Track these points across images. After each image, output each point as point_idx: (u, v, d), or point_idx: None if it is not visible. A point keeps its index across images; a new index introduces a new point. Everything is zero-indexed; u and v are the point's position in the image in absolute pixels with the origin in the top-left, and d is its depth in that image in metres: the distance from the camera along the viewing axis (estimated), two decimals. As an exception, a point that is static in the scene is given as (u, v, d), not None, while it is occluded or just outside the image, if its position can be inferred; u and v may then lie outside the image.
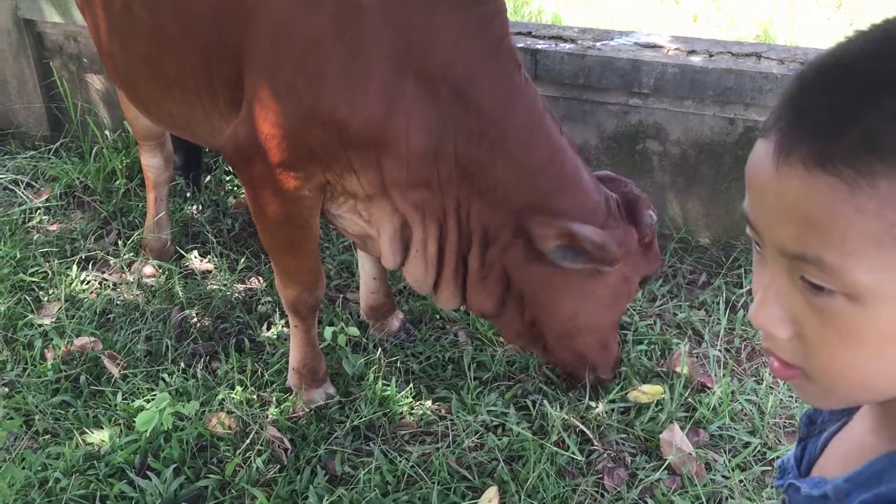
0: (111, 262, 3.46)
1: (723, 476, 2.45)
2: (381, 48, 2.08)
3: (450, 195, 2.28)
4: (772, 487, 2.44)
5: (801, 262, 0.74)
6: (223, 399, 2.67)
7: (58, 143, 4.18)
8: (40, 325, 3.01)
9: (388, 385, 2.76)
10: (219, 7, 2.23)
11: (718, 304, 3.18)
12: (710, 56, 3.30)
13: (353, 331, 2.91)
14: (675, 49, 3.37)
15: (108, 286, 3.32)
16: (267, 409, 2.66)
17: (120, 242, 3.57)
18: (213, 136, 2.57)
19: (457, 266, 2.43)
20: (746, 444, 2.59)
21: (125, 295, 3.26)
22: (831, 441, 0.98)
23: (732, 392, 2.76)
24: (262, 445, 2.50)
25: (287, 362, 2.80)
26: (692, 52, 3.34)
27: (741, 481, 2.43)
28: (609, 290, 2.43)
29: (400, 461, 2.47)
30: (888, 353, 0.75)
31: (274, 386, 2.78)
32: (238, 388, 2.72)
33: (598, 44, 3.42)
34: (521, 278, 2.37)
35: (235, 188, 4.03)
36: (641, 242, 2.38)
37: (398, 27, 2.08)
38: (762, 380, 2.83)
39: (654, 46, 3.40)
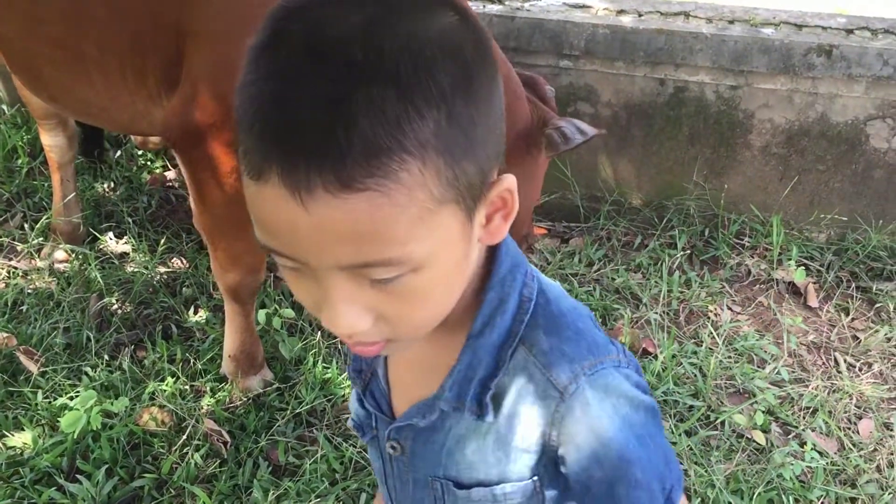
0: (18, 247, 3.23)
1: (671, 442, 2.46)
2: None
3: None
4: (715, 449, 2.46)
5: (366, 269, 0.75)
6: (154, 392, 2.52)
7: (-50, 121, 3.88)
8: (-55, 322, 2.79)
9: (329, 368, 2.66)
10: None
11: (655, 266, 3.18)
12: (640, 16, 3.25)
13: (288, 312, 2.79)
14: (605, 9, 3.31)
15: (18, 275, 3.10)
16: (201, 401, 2.53)
17: (27, 226, 3.34)
18: (133, 121, 2.40)
19: None
20: (691, 408, 2.60)
21: (37, 283, 3.05)
22: (391, 374, 1.04)
23: (674, 355, 2.77)
24: (199, 440, 2.38)
25: (220, 349, 2.67)
26: (622, 12, 3.29)
27: (690, 447, 2.44)
28: (542, 169, 2.65)
29: (346, 447, 2.39)
30: (454, 282, 0.84)
31: (208, 375, 2.64)
32: (169, 379, 2.57)
33: (526, 4, 3.34)
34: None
35: (149, 163, 3.82)
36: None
37: None
38: (702, 342, 2.85)
39: (582, 7, 3.33)
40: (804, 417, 2.61)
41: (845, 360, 2.86)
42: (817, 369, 2.83)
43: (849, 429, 2.60)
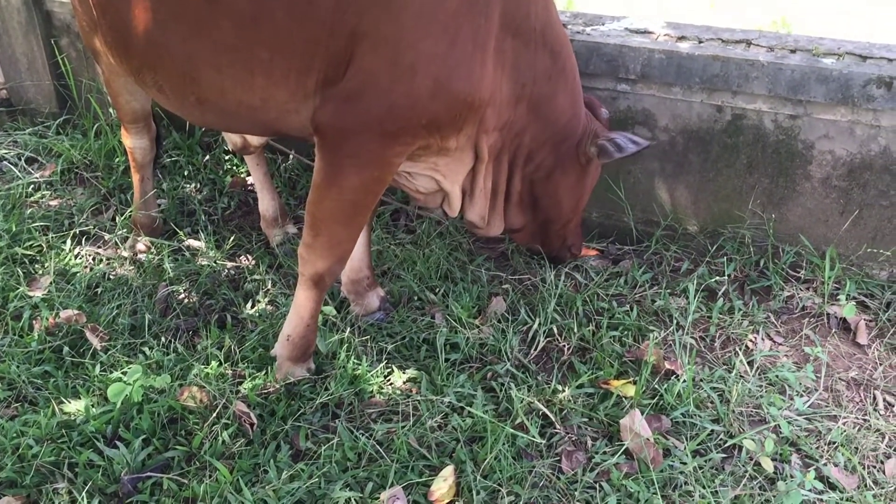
0: (106, 237, 3.55)
1: (681, 462, 2.47)
2: (497, 9, 2.35)
3: (514, 130, 2.67)
4: (728, 475, 2.45)
5: None
6: (197, 374, 2.73)
7: (60, 120, 4.28)
8: (30, 298, 3.10)
9: (360, 364, 2.80)
10: None
11: (702, 293, 3.18)
12: (700, 42, 3.27)
13: (329, 310, 2.96)
14: (666, 35, 3.34)
15: (101, 261, 3.41)
16: (238, 386, 2.72)
17: (117, 218, 3.66)
18: (277, 119, 2.51)
19: (504, 194, 2.87)
20: (711, 433, 2.60)
21: (116, 270, 3.34)
22: None
23: (701, 380, 2.76)
24: (228, 419, 2.56)
25: (265, 340, 2.86)
26: (682, 38, 3.32)
27: (698, 468, 2.44)
28: (592, 179, 3.01)
29: (363, 439, 2.52)
30: None
31: (249, 363, 2.83)
32: (213, 363, 2.78)
33: (588, 28, 3.41)
34: (546, 184, 2.89)
35: (234, 167, 4.10)
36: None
37: None
38: (732, 368, 2.83)
39: (644, 32, 3.38)
40: (828, 452, 2.56)
41: (885, 399, 2.78)
42: (853, 406, 2.76)
43: (874, 467, 2.53)
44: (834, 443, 2.59)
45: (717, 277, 3.27)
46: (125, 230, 3.57)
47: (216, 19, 2.30)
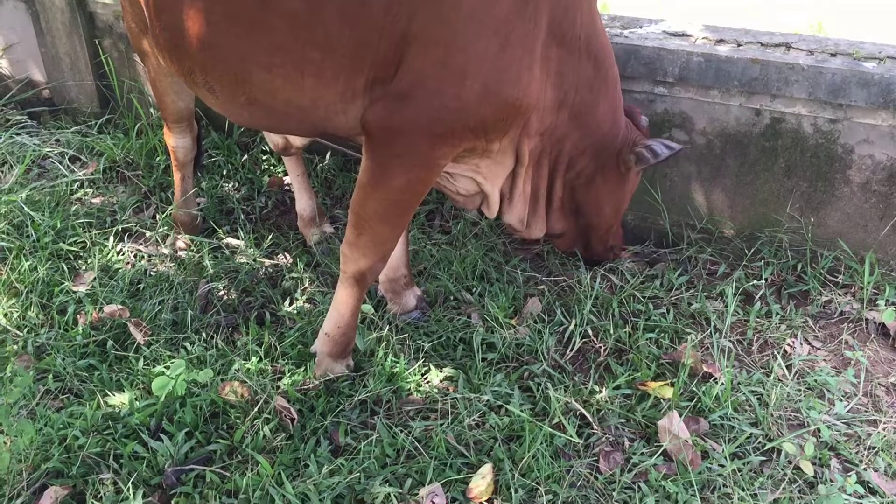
0: (147, 234, 3.61)
1: (719, 465, 2.47)
2: (545, 16, 2.37)
3: (555, 136, 2.69)
4: (767, 478, 2.44)
5: None
6: (238, 369, 2.77)
7: (103, 119, 4.36)
8: (75, 292, 3.16)
9: (398, 362, 2.83)
10: None
11: (738, 296, 3.17)
12: (739, 46, 3.27)
13: (367, 308, 2.99)
14: (704, 38, 3.35)
15: (143, 257, 3.47)
16: (279, 381, 2.76)
17: (158, 216, 3.72)
18: (325, 119, 2.52)
19: (546, 198, 2.90)
20: (750, 436, 2.59)
21: (158, 266, 3.40)
22: None
23: (739, 383, 2.76)
24: (269, 414, 2.60)
25: (304, 337, 2.90)
26: (720, 42, 3.32)
27: (737, 470, 2.44)
28: (632, 185, 3.06)
29: (402, 436, 2.55)
30: None
31: (289, 359, 2.87)
32: (253, 358, 2.82)
33: (626, 31, 3.42)
34: (588, 191, 2.94)
35: (272, 167, 4.14)
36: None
37: None
38: (770, 372, 2.83)
39: (682, 35, 3.38)
40: (868, 457, 2.55)
41: (925, 405, 2.76)
42: (893, 411, 2.74)
43: (915, 473, 2.51)
44: (874, 448, 2.57)
45: (755, 281, 3.26)
46: (166, 227, 3.63)
47: (269, 20, 2.33)
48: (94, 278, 3.25)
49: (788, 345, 2.99)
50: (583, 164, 2.86)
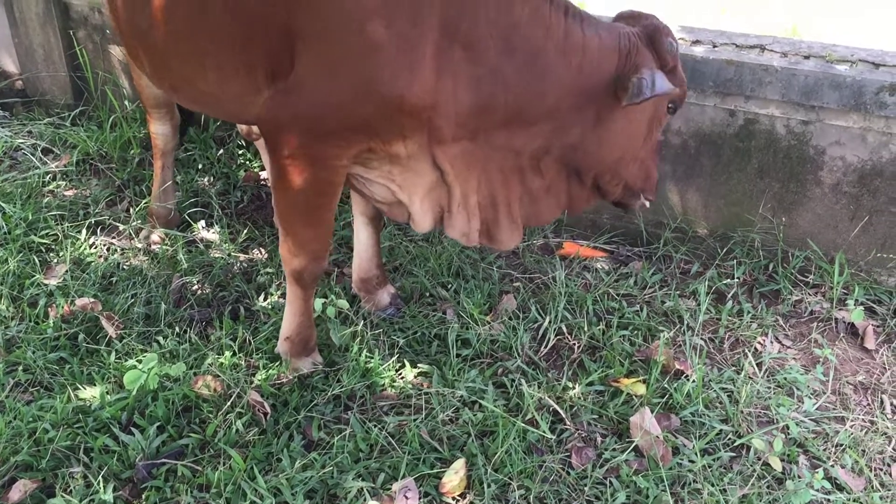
0: (120, 227, 3.58)
1: (689, 460, 2.49)
2: (432, 18, 2.22)
3: (497, 139, 2.46)
4: (737, 474, 2.47)
5: None
6: (211, 363, 2.76)
7: (76, 111, 4.32)
8: (46, 285, 3.13)
9: (372, 357, 2.83)
10: None
11: (711, 295, 3.20)
12: (714, 47, 3.30)
13: (343, 303, 2.99)
14: (681, 39, 3.37)
15: (116, 251, 3.44)
16: (252, 376, 2.75)
17: (131, 209, 3.69)
18: (241, 111, 2.61)
19: (513, 202, 2.64)
20: (720, 433, 2.62)
21: (131, 260, 3.37)
22: None
23: (710, 380, 2.79)
24: (242, 409, 2.59)
25: (277, 331, 2.89)
26: (696, 42, 3.35)
27: (707, 466, 2.47)
28: (644, 120, 2.62)
29: (375, 431, 2.55)
30: None
31: (263, 354, 2.86)
32: (227, 353, 2.81)
33: (602, 31, 3.44)
34: (587, 145, 2.56)
35: (247, 161, 4.13)
36: (665, 68, 2.49)
37: None
38: (741, 369, 2.86)
39: (658, 35, 3.40)
40: (835, 454, 2.59)
41: (892, 403, 2.80)
42: (861, 409, 2.78)
43: (881, 470, 2.55)
44: (841, 445, 2.61)
45: (727, 280, 3.30)
46: (139, 221, 3.60)
47: (173, 8, 2.43)
48: (66, 271, 3.22)
49: (759, 343, 3.03)
50: (566, 132, 2.52)
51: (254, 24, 2.33)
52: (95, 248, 3.44)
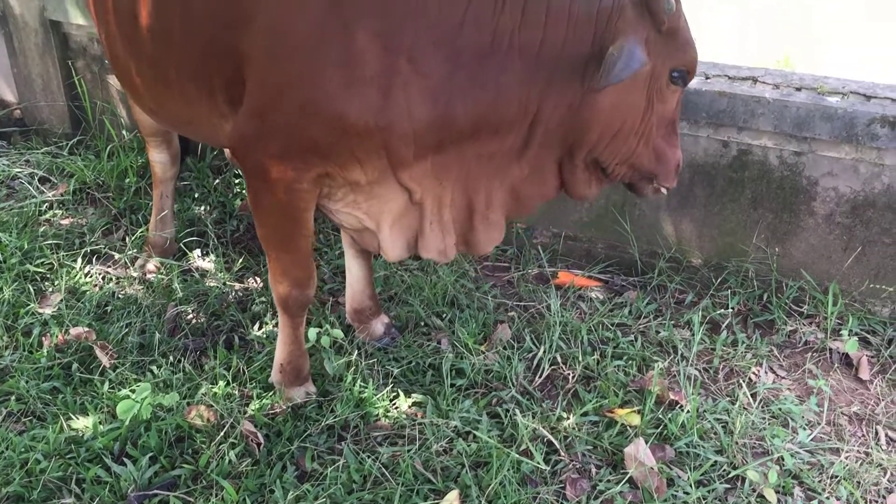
0: (116, 256, 3.58)
1: (684, 492, 2.48)
2: (366, 31, 2.14)
3: (467, 146, 2.33)
4: (732, 506, 2.47)
5: None
6: (205, 393, 2.75)
7: (74, 141, 4.34)
8: (40, 314, 3.13)
9: (366, 387, 2.83)
10: (217, 12, 2.33)
11: (705, 325, 3.21)
12: (707, 78, 3.33)
13: (337, 333, 2.98)
14: (673, 70, 3.40)
15: (111, 280, 3.44)
16: (246, 405, 2.74)
17: (128, 238, 3.70)
18: (214, 134, 2.66)
19: (492, 203, 2.51)
20: (714, 464, 2.61)
21: (126, 289, 3.37)
22: None
23: (704, 411, 2.79)
24: (236, 439, 2.58)
25: (272, 360, 2.88)
26: (689, 74, 3.38)
27: (702, 498, 2.46)
28: (637, 90, 2.33)
29: (369, 461, 2.54)
30: None
31: (257, 383, 2.85)
32: (220, 382, 2.80)
33: (596, 63, 3.47)
34: (573, 126, 2.34)
35: (243, 191, 4.14)
36: (661, 29, 2.24)
37: (384, 3, 2.16)
38: (736, 400, 2.86)
39: (652, 67, 3.43)
40: (830, 485, 2.58)
41: (886, 434, 2.80)
42: (856, 440, 2.78)
43: (876, 501, 2.54)
44: (836, 476, 2.60)
45: (721, 310, 3.30)
46: (135, 250, 3.60)
47: (138, 34, 2.52)
48: (61, 300, 3.22)
49: (753, 373, 3.03)
50: (548, 116, 2.34)
51: (207, 48, 2.38)
52: (91, 276, 3.44)
